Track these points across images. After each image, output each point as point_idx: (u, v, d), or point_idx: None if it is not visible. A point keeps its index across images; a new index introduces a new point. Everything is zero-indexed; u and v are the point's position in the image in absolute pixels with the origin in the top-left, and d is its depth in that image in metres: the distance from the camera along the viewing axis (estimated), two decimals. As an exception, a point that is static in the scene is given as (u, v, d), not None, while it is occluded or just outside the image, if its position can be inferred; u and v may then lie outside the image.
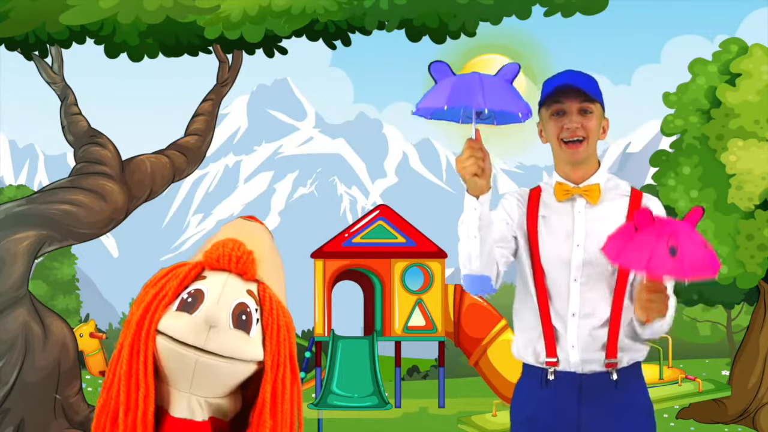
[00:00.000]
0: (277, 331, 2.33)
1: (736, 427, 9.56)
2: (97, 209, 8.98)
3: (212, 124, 9.69)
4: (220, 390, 2.31)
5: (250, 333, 2.29)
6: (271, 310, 2.33)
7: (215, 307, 2.26)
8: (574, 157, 3.39)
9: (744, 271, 9.23)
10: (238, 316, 2.28)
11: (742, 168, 9.12)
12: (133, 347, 2.28)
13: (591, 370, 3.37)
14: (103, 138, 9.32)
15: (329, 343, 9.06)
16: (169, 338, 2.26)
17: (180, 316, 2.27)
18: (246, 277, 2.33)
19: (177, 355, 2.25)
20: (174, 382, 2.30)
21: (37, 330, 8.71)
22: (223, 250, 2.34)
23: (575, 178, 3.43)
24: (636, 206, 3.39)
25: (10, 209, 8.93)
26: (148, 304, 2.29)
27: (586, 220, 3.40)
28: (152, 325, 2.27)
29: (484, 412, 8.97)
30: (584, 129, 3.37)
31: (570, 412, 3.37)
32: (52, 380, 8.73)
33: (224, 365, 2.26)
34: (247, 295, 2.31)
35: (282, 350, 2.33)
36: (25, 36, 8.68)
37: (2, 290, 8.64)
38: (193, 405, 2.31)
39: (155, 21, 8.26)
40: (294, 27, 8.34)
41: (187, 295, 2.29)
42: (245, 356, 2.28)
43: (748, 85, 9.28)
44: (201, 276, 2.33)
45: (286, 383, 2.33)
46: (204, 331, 2.24)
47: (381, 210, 9.35)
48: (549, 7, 8.39)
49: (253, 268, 2.35)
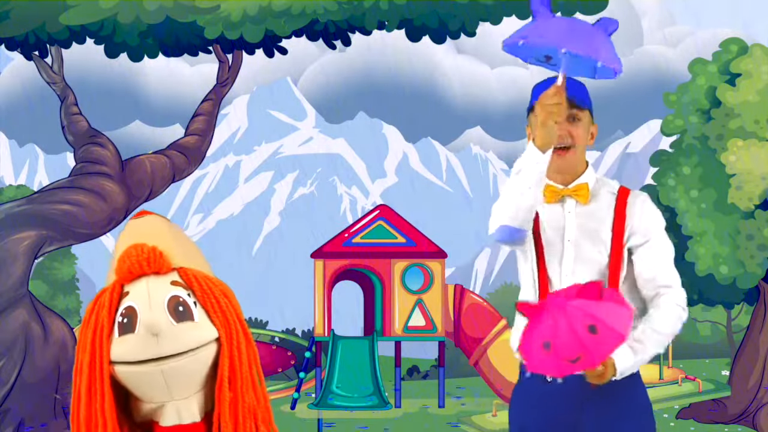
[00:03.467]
0: (217, 303, 2.32)
1: (736, 427, 9.56)
2: (97, 209, 8.98)
3: (212, 124, 9.69)
4: (197, 384, 2.31)
5: (194, 319, 2.29)
6: (201, 287, 2.32)
7: (150, 314, 2.25)
8: (562, 163, 3.42)
9: (744, 271, 9.22)
10: (176, 309, 2.27)
11: (742, 168, 9.12)
12: (90, 389, 2.27)
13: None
14: (103, 138, 9.32)
15: (329, 343, 9.06)
16: (126, 364, 2.26)
17: (125, 340, 2.26)
18: (163, 272, 2.32)
19: (141, 375, 2.25)
20: (153, 398, 2.30)
21: (37, 330, 8.71)
22: (129, 259, 2.32)
23: (564, 182, 3.46)
24: (623, 203, 3.45)
25: (10, 209, 8.93)
26: (92, 345, 2.28)
27: (576, 219, 3.43)
28: (104, 363, 2.26)
29: (484, 412, 8.97)
30: (572, 136, 3.41)
31: (569, 411, 3.38)
32: (52, 380, 8.73)
33: (188, 360, 2.26)
34: (174, 287, 2.30)
35: (229, 317, 2.33)
36: (25, 36, 8.68)
37: (2, 290, 8.64)
38: (180, 410, 2.31)
39: (155, 21, 8.27)
40: (294, 27, 8.34)
41: (121, 317, 2.28)
42: (200, 342, 2.28)
43: (748, 85, 9.28)
44: (124, 293, 2.31)
45: (241, 348, 2.33)
46: (152, 342, 2.23)
47: (381, 210, 9.36)
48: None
49: (163, 261, 2.33)
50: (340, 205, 17.46)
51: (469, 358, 9.31)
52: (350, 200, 17.49)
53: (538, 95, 3.39)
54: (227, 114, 16.71)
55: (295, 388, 9.04)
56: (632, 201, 3.46)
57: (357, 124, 16.78)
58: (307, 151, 17.45)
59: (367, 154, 17.29)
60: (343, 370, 9.00)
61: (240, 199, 17.23)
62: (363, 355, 9.03)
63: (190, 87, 13.89)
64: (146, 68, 12.53)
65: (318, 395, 8.94)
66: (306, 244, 9.53)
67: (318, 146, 17.31)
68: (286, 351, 10.00)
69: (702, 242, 9.32)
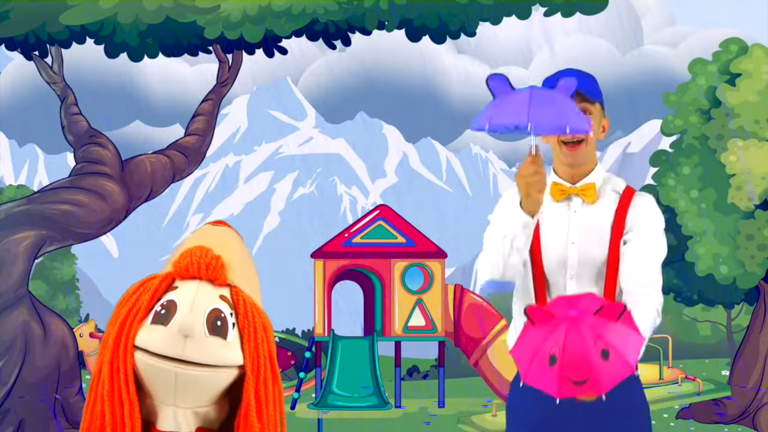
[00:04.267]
0: (254, 333, 2.31)
1: (736, 427, 9.56)
2: (97, 209, 8.98)
3: (212, 124, 9.69)
4: (204, 399, 2.30)
5: (227, 338, 2.27)
6: (246, 312, 2.31)
7: (189, 316, 2.24)
8: (573, 159, 3.40)
9: (744, 271, 9.23)
10: (213, 323, 2.26)
11: (742, 168, 9.13)
12: (113, 365, 2.26)
13: None
14: (103, 138, 9.32)
15: (329, 343, 9.06)
16: (146, 352, 2.24)
17: (155, 329, 2.25)
18: (217, 282, 2.31)
19: (156, 369, 2.24)
20: (157, 396, 2.29)
21: (37, 330, 8.72)
22: (191, 258, 2.31)
23: (572, 178, 3.44)
24: (626, 202, 3.43)
25: (10, 209, 8.93)
26: (123, 321, 2.27)
27: (581, 219, 3.41)
28: (129, 342, 2.25)
29: (484, 412, 8.97)
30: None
31: (565, 411, 3.37)
32: (52, 380, 8.73)
33: (205, 374, 2.25)
34: (221, 301, 2.29)
35: (261, 352, 2.31)
36: (25, 36, 8.68)
37: (2, 290, 8.64)
38: (179, 417, 2.30)
39: (155, 21, 8.27)
40: (294, 27, 8.34)
41: (160, 307, 2.27)
42: (224, 362, 2.26)
43: (748, 85, 9.28)
44: (172, 287, 2.30)
45: (268, 384, 2.32)
46: (180, 342, 2.22)
47: (381, 210, 9.36)
48: (549, 7, 8.39)
49: (224, 272, 2.32)
50: (340, 205, 17.45)
51: (469, 358, 9.31)
52: (350, 200, 17.48)
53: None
54: (227, 114, 16.70)
55: (295, 388, 9.04)
56: (635, 200, 3.45)
57: (357, 124, 16.77)
58: (307, 151, 17.44)
59: (367, 154, 17.29)
60: (343, 370, 9.00)
61: (240, 199, 17.23)
62: (363, 355, 9.03)
63: (190, 87, 13.89)
64: (146, 68, 12.54)
65: (318, 395, 8.94)
66: (306, 244, 9.53)
67: (318, 146, 17.30)
68: (286, 351, 10.00)
69: (702, 242, 9.32)
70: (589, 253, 3.39)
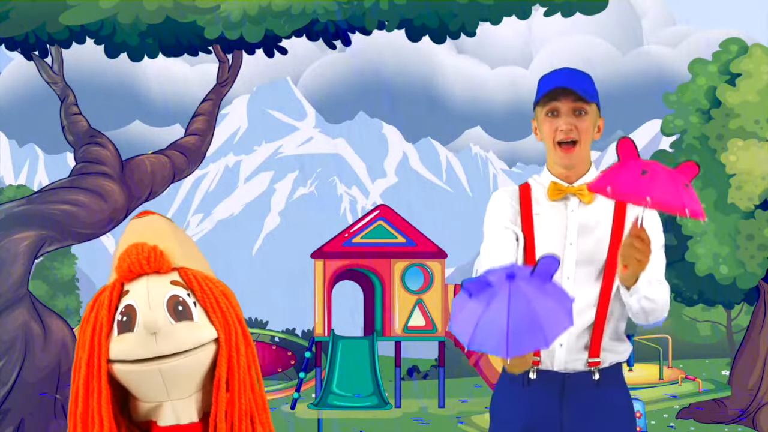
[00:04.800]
0: (216, 303, 2.33)
1: (736, 427, 9.55)
2: (97, 209, 8.98)
3: (212, 124, 9.69)
4: (195, 383, 2.32)
5: (193, 319, 2.29)
6: (201, 287, 2.33)
7: (149, 313, 2.26)
8: (568, 161, 3.39)
9: (744, 271, 9.22)
10: (175, 309, 2.28)
11: (742, 168, 9.12)
12: (88, 387, 2.28)
13: (573, 369, 3.36)
14: (103, 138, 9.32)
15: (329, 343, 9.06)
16: (124, 362, 2.26)
17: (123, 339, 2.27)
18: (163, 271, 2.33)
19: (139, 374, 2.26)
20: (152, 398, 2.30)
21: (37, 330, 8.71)
22: (130, 258, 2.32)
23: (568, 178, 3.43)
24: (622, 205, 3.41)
25: (10, 209, 8.93)
26: (90, 343, 2.29)
27: (578, 218, 3.40)
28: (101, 361, 2.27)
29: (484, 412, 8.97)
30: (578, 130, 3.36)
31: (551, 412, 3.36)
32: (52, 380, 8.73)
33: (186, 360, 2.27)
34: (174, 286, 2.31)
35: (229, 318, 2.33)
36: (25, 36, 8.68)
37: (2, 290, 8.64)
38: (178, 410, 2.31)
39: (155, 21, 8.27)
40: (294, 27, 8.34)
41: (120, 315, 2.29)
42: (199, 342, 2.28)
43: (748, 85, 9.28)
44: (124, 292, 2.32)
45: (240, 349, 2.33)
46: (151, 341, 2.24)
47: (381, 210, 9.35)
48: (549, 7, 8.39)
49: (165, 260, 2.34)
50: (340, 205, 17.46)
51: (469, 358, 9.31)
52: (350, 200, 17.50)
53: (544, 90, 3.37)
54: (227, 114, 16.71)
55: (295, 388, 9.04)
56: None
57: (357, 124, 16.78)
58: (307, 151, 17.45)
59: (367, 154, 17.29)
60: (343, 370, 8.99)
61: (240, 199, 17.23)
62: (363, 355, 9.03)
63: (190, 87, 13.88)
64: (146, 68, 12.52)
65: (318, 395, 8.94)
66: (306, 244, 9.52)
67: (318, 146, 17.31)
68: (286, 351, 10.00)
69: (702, 242, 9.32)
70: (587, 253, 3.38)
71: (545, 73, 3.42)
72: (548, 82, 3.37)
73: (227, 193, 16.83)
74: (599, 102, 3.45)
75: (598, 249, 3.38)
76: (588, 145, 3.42)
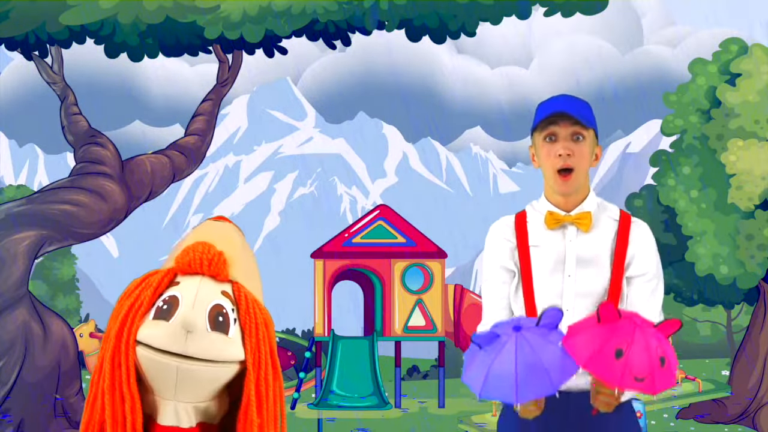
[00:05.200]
0: (255, 329, 2.32)
1: (736, 427, 9.56)
2: (97, 209, 8.98)
3: (212, 124, 9.70)
4: (205, 394, 2.31)
5: (228, 334, 2.28)
6: (247, 308, 2.32)
7: (191, 311, 2.25)
8: (566, 189, 3.35)
9: (744, 271, 9.23)
10: (215, 318, 2.27)
11: (742, 168, 9.13)
12: (114, 360, 2.26)
13: (579, 389, 3.34)
14: (103, 138, 9.32)
15: (329, 343, 9.06)
16: (148, 347, 2.25)
17: (157, 325, 2.26)
18: (219, 278, 2.32)
19: (158, 363, 2.25)
20: (158, 391, 2.29)
21: (37, 330, 8.72)
22: (193, 254, 2.32)
23: (566, 205, 3.40)
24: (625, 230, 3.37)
25: (10, 209, 8.93)
26: (125, 316, 2.28)
27: (576, 249, 3.36)
28: (131, 336, 2.26)
29: (484, 412, 8.97)
30: (575, 156, 3.34)
31: (558, 415, 3.35)
32: (52, 380, 8.73)
33: (206, 369, 2.26)
34: (222, 296, 2.30)
35: (262, 347, 2.32)
36: (25, 36, 8.68)
37: (2, 290, 8.65)
38: (179, 412, 2.30)
39: (155, 21, 8.27)
40: (294, 27, 8.35)
41: (162, 302, 2.28)
42: (226, 357, 2.27)
43: (748, 85, 9.29)
44: (174, 282, 2.31)
45: (269, 380, 2.33)
46: (182, 337, 2.23)
47: (381, 210, 9.36)
48: (549, 7, 8.40)
49: (226, 269, 2.33)
50: (340, 205, 17.46)
51: (469, 358, 9.31)
52: (350, 200, 17.49)
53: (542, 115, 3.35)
54: (227, 114, 16.70)
55: (295, 388, 9.04)
56: (634, 229, 3.38)
57: (357, 124, 16.78)
58: (307, 151, 17.45)
59: (367, 154, 17.29)
60: (343, 370, 9.00)
61: (240, 199, 17.24)
62: (363, 355, 9.03)
63: (190, 87, 13.90)
64: (146, 68, 12.54)
65: (318, 395, 8.94)
66: (306, 244, 9.53)
67: (318, 146, 17.31)
68: (286, 351, 10.00)
69: (702, 242, 9.32)
70: (586, 285, 3.33)
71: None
72: (546, 107, 3.35)
73: (227, 193, 16.86)
74: (597, 129, 3.43)
75: (597, 281, 3.36)
76: (586, 171, 3.37)
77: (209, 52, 9.31)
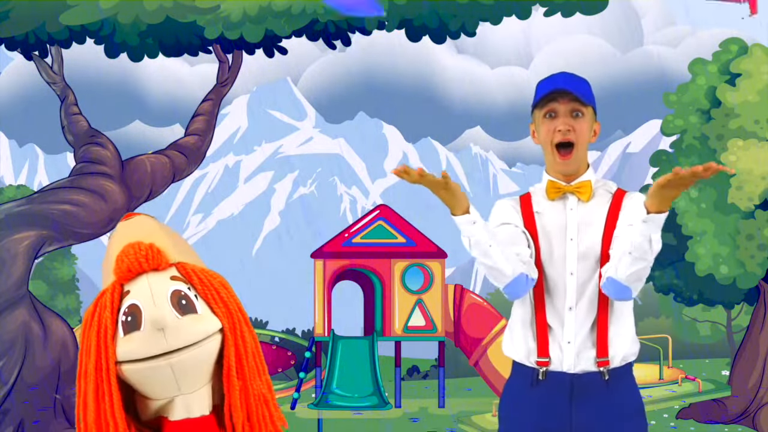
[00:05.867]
0: (217, 294, 2.35)
1: (736, 427, 9.56)
2: (97, 209, 8.98)
3: (212, 124, 9.69)
4: (205, 376, 2.33)
5: (197, 312, 2.31)
6: (201, 280, 2.35)
7: (155, 310, 2.27)
8: (566, 167, 3.46)
9: (744, 271, 9.22)
10: (179, 303, 2.30)
11: (742, 168, 9.12)
12: (98, 393, 2.28)
13: (582, 370, 3.38)
14: (103, 138, 9.32)
15: (329, 343, 9.06)
16: (133, 362, 2.26)
17: (131, 339, 2.28)
18: (161, 268, 2.34)
19: (150, 371, 2.26)
20: (164, 394, 2.31)
21: (37, 330, 8.71)
22: (128, 258, 2.34)
23: (566, 178, 3.50)
24: (618, 203, 3.48)
25: (10, 209, 8.93)
26: (97, 348, 2.29)
27: (577, 216, 3.46)
28: (110, 364, 2.27)
29: (484, 412, 8.97)
30: (575, 131, 3.43)
31: (561, 413, 3.39)
32: (52, 380, 8.73)
33: (195, 352, 2.28)
34: (174, 282, 2.33)
35: (231, 308, 2.36)
36: (25, 36, 8.68)
37: (2, 290, 8.64)
38: (189, 404, 2.32)
39: (155, 21, 8.26)
40: (294, 27, 8.34)
41: (124, 316, 2.30)
42: (206, 333, 2.30)
43: (748, 85, 9.28)
44: (125, 293, 2.33)
45: (245, 336, 2.36)
46: (159, 336, 2.25)
47: (381, 210, 9.35)
48: (549, 7, 8.39)
49: (162, 257, 2.35)
50: (340, 205, 17.45)
51: (469, 358, 9.31)
52: (350, 200, 17.48)
53: (542, 92, 3.42)
54: (227, 114, 16.69)
55: (295, 388, 9.04)
56: (628, 196, 3.51)
57: (357, 124, 16.77)
58: (307, 151, 17.44)
59: (367, 154, 17.28)
60: (343, 370, 9.00)
61: (240, 199, 17.23)
62: (363, 355, 9.03)
63: (190, 87, 13.89)
64: (146, 68, 12.54)
65: (318, 395, 8.94)
66: (306, 244, 9.53)
67: (318, 146, 17.30)
68: (286, 351, 10.00)
69: (702, 242, 9.32)
70: (586, 247, 3.44)
71: (543, 77, 3.50)
72: (546, 84, 3.44)
73: (227, 193, 16.85)
74: (596, 106, 3.50)
75: (595, 242, 3.43)
76: (585, 147, 3.48)
77: (209, 52, 9.31)
